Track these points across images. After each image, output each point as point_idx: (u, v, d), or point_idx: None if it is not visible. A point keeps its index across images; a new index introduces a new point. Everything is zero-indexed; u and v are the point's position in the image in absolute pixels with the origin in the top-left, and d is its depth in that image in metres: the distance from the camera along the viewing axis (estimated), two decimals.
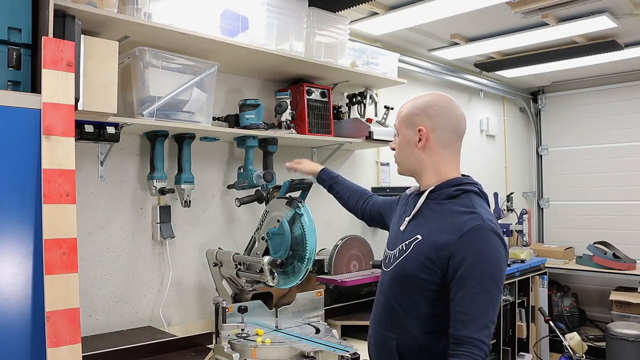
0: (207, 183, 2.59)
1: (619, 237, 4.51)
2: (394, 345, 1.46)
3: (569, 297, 4.70)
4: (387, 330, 1.50)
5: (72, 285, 1.42)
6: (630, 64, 4.19)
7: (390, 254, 1.55)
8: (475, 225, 1.35)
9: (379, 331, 1.54)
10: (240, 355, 1.95)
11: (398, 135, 1.60)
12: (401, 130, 1.58)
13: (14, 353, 1.38)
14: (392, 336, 1.48)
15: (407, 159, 1.58)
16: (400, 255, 1.48)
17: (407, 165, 1.59)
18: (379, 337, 1.54)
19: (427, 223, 1.47)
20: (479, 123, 4.54)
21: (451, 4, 2.77)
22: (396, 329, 1.48)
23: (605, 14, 3.00)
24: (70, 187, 1.44)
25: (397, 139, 1.60)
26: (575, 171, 5.00)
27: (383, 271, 1.60)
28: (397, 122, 1.60)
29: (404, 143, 1.57)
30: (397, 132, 1.60)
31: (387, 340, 1.49)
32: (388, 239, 1.64)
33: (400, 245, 1.50)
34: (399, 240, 1.53)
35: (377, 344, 1.55)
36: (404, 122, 1.57)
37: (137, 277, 2.33)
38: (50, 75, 1.45)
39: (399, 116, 1.59)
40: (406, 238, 1.49)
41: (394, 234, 1.60)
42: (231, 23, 2.30)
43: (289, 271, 2.12)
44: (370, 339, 1.61)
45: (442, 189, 1.49)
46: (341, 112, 3.03)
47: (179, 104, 2.20)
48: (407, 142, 1.56)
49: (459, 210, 1.41)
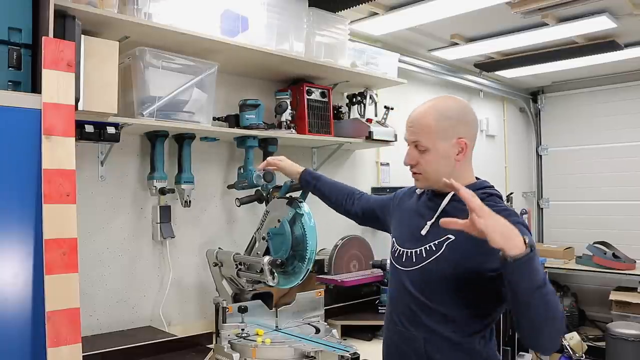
0: (207, 183, 2.59)
1: (619, 237, 4.51)
2: (421, 345, 1.44)
3: (569, 297, 4.70)
4: (412, 330, 1.47)
5: (73, 285, 1.42)
6: (630, 64, 4.19)
7: (410, 253, 1.50)
8: (514, 219, 1.31)
9: (400, 331, 1.50)
10: (240, 355, 1.95)
11: (424, 149, 1.46)
12: (435, 144, 1.44)
13: (15, 353, 1.38)
14: (418, 336, 1.45)
15: (440, 173, 1.44)
16: (430, 256, 1.44)
17: (437, 179, 1.45)
18: (402, 337, 1.50)
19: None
20: (479, 123, 4.54)
21: (451, 4, 2.77)
22: (422, 328, 1.45)
23: (605, 14, 3.00)
24: (70, 187, 1.44)
25: (427, 154, 1.45)
26: (575, 171, 5.00)
27: (398, 270, 1.53)
28: (425, 136, 1.45)
29: (439, 157, 1.45)
30: (424, 147, 1.45)
31: (412, 340, 1.46)
32: (400, 236, 1.59)
33: (425, 245, 1.47)
34: (421, 240, 1.48)
35: (400, 344, 1.51)
36: (437, 135, 1.44)
37: (137, 277, 2.33)
38: (50, 76, 1.45)
39: (425, 129, 1.45)
40: (434, 238, 1.45)
41: (409, 232, 1.55)
42: (231, 23, 2.30)
43: (289, 271, 2.12)
44: (388, 339, 1.57)
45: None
46: (341, 112, 3.03)
47: (179, 104, 2.20)
48: (444, 155, 1.45)
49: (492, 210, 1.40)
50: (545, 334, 1.20)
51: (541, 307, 1.17)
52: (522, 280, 1.16)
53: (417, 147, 1.48)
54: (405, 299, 1.50)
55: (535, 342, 1.24)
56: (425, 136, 1.46)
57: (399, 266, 1.54)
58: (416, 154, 1.49)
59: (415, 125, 1.48)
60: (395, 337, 1.54)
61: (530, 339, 1.24)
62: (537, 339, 1.22)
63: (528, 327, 1.22)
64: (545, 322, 1.19)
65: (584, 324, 4.71)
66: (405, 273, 1.51)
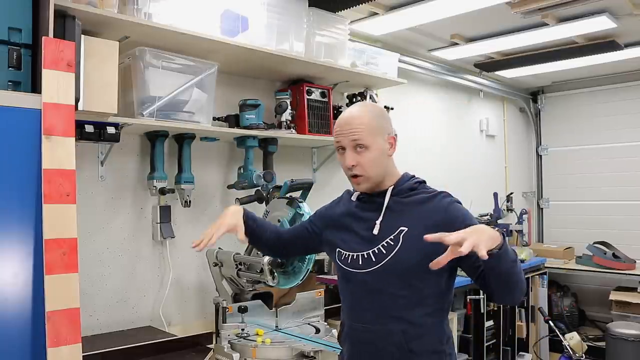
0: (207, 183, 2.59)
1: (619, 237, 4.51)
2: (400, 338, 1.47)
3: (569, 297, 4.70)
4: (387, 326, 1.50)
5: (73, 285, 1.42)
6: (630, 64, 4.19)
7: (366, 254, 1.53)
8: (450, 199, 1.53)
9: (374, 329, 1.52)
10: (240, 355, 1.95)
11: (364, 148, 1.49)
12: (374, 141, 1.50)
13: (15, 353, 1.38)
14: (397, 329, 1.48)
15: (379, 171, 1.53)
16: (390, 250, 1.49)
17: (378, 178, 1.54)
18: (376, 335, 1.52)
19: (402, 215, 1.52)
20: (479, 123, 4.54)
21: (451, 4, 2.77)
22: (397, 321, 1.48)
23: (605, 14, 3.00)
24: (70, 187, 1.44)
25: (368, 152, 1.49)
26: (575, 171, 5.00)
27: (355, 273, 1.54)
28: (365, 134, 1.49)
29: (378, 154, 1.51)
30: (365, 145, 1.49)
31: (389, 335, 1.49)
32: (346, 242, 1.59)
33: (381, 242, 1.51)
34: (373, 240, 1.52)
35: (375, 343, 1.52)
36: (375, 132, 1.50)
37: (137, 277, 2.34)
38: (50, 76, 1.45)
39: (365, 128, 1.49)
40: (387, 234, 1.51)
41: (356, 236, 1.57)
42: (231, 23, 2.30)
43: (289, 271, 2.12)
44: (357, 341, 1.57)
45: (400, 185, 1.56)
46: (341, 112, 3.02)
47: (179, 104, 2.20)
48: (382, 152, 1.52)
49: (428, 196, 1.54)
50: (517, 290, 1.42)
51: (515, 275, 1.38)
52: (504, 262, 1.34)
53: (355, 148, 1.50)
54: (372, 298, 1.52)
55: (507, 298, 1.46)
56: (365, 134, 1.49)
57: (355, 270, 1.55)
58: (355, 155, 1.51)
59: (354, 126, 1.50)
60: (365, 337, 1.54)
61: (503, 297, 1.47)
62: (511, 295, 1.43)
63: (502, 289, 1.42)
64: (517, 282, 1.40)
65: (584, 324, 4.71)
66: (365, 274, 1.53)
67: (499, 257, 1.31)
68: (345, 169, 1.55)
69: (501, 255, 1.31)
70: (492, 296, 1.48)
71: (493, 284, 1.41)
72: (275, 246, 1.81)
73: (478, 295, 3.35)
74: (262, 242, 1.80)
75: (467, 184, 4.15)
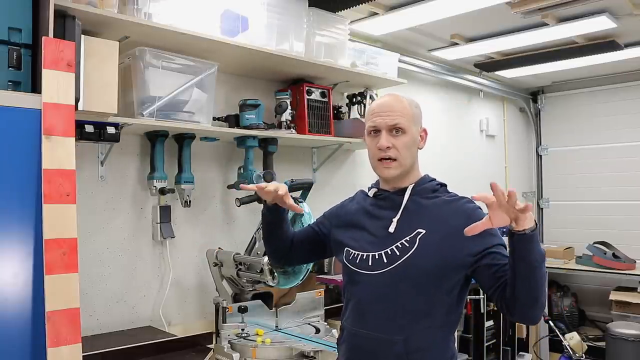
0: (207, 183, 2.59)
1: (619, 237, 4.50)
2: (401, 348, 1.38)
3: (569, 297, 4.70)
4: (389, 334, 1.40)
5: (73, 285, 1.42)
6: (630, 64, 4.19)
7: (378, 255, 1.45)
8: (474, 205, 1.46)
9: (375, 337, 1.43)
10: (240, 355, 1.95)
11: (402, 131, 1.45)
12: (410, 127, 1.46)
13: (15, 353, 1.38)
14: (398, 339, 1.39)
15: (411, 160, 1.48)
16: (405, 252, 1.41)
17: (407, 167, 1.48)
18: (378, 344, 1.42)
19: (421, 217, 1.45)
20: (479, 123, 4.54)
21: (451, 4, 2.77)
22: (401, 330, 1.39)
23: (605, 14, 3.00)
24: (70, 187, 1.44)
25: (404, 137, 1.45)
26: (575, 171, 4.99)
27: (364, 274, 1.46)
28: (404, 118, 1.45)
29: (412, 141, 1.48)
30: (403, 129, 1.45)
31: (390, 345, 1.40)
32: (357, 241, 1.52)
33: (395, 243, 1.43)
34: (388, 240, 1.45)
35: (375, 351, 1.44)
36: (412, 119, 1.47)
37: (137, 277, 2.33)
38: (50, 76, 1.45)
39: (404, 112, 1.46)
40: (403, 235, 1.43)
41: (369, 235, 1.50)
42: (231, 23, 2.30)
43: (289, 271, 2.12)
44: (355, 347, 1.48)
45: (421, 185, 1.51)
46: (341, 112, 3.03)
47: (179, 104, 2.20)
48: (415, 141, 1.49)
49: (450, 200, 1.48)
50: (539, 303, 1.29)
51: (541, 279, 1.26)
52: (532, 251, 1.23)
53: (392, 131, 1.46)
54: (379, 302, 1.44)
55: (529, 312, 1.31)
56: (404, 118, 1.46)
57: (363, 271, 1.46)
58: (390, 138, 1.46)
59: (396, 109, 1.47)
60: (364, 343, 1.46)
61: (525, 309, 1.30)
62: (533, 309, 1.30)
63: (525, 298, 1.28)
64: (541, 293, 1.28)
65: (584, 324, 4.71)
66: (374, 276, 1.44)
67: (532, 240, 1.21)
68: (377, 151, 1.47)
69: (534, 240, 1.21)
70: (513, 307, 1.31)
71: (517, 287, 1.26)
72: (285, 247, 1.70)
73: (478, 295, 3.35)
74: (276, 235, 1.69)
75: (467, 184, 4.12)
